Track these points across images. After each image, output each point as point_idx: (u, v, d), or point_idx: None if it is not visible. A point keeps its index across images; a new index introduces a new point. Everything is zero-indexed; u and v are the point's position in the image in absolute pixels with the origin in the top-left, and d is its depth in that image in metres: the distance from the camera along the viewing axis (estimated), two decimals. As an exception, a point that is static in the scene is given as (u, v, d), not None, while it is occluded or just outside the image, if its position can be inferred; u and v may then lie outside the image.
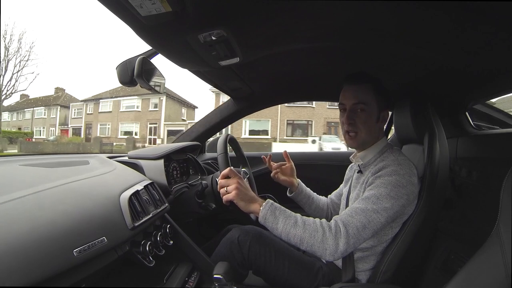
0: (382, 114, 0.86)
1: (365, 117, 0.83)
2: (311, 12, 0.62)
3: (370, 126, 0.84)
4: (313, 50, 0.86)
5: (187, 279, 0.83)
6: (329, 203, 1.13)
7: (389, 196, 0.74)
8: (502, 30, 0.59)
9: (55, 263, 0.48)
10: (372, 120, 0.84)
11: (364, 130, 0.83)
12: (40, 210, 0.55)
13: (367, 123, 0.83)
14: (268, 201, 0.78)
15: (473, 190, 1.05)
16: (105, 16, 41.70)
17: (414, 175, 0.78)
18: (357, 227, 0.72)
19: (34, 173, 0.76)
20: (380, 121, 0.86)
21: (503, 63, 0.77)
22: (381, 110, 0.85)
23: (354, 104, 0.83)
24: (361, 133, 0.84)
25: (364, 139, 0.85)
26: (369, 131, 0.84)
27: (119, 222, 0.67)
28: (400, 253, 0.78)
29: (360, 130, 0.83)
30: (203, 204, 1.04)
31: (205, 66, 0.88)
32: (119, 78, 0.84)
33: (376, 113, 0.84)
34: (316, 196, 1.12)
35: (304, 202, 1.09)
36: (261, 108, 1.54)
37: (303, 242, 0.73)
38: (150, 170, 1.03)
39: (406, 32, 0.69)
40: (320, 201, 1.12)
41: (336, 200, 1.12)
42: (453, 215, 1.09)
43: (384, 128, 1.55)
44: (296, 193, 1.08)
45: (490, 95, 1.06)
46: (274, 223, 0.74)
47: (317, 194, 1.14)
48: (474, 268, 0.50)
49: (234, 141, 1.24)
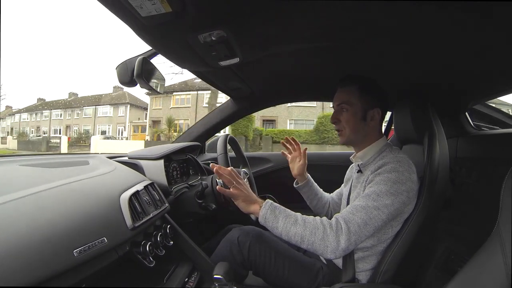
0: (370, 113, 0.87)
1: (348, 116, 0.87)
2: (311, 12, 0.62)
3: (354, 124, 0.87)
4: (313, 50, 0.86)
5: (187, 279, 0.83)
6: (330, 201, 1.14)
7: (389, 192, 0.74)
8: (502, 30, 0.59)
9: (55, 264, 0.48)
10: (355, 118, 0.87)
11: (348, 128, 0.88)
12: (40, 210, 0.55)
13: (350, 122, 0.87)
14: (268, 201, 0.78)
15: (473, 190, 1.05)
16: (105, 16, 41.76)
17: (413, 172, 0.79)
18: (358, 224, 0.72)
19: (34, 173, 0.76)
20: (369, 120, 0.87)
21: (503, 63, 0.77)
22: (368, 109, 0.86)
23: (338, 105, 0.89)
24: (345, 130, 0.88)
25: (349, 136, 0.88)
26: (353, 129, 0.87)
27: (119, 222, 0.67)
28: (400, 253, 0.78)
29: (345, 128, 0.88)
30: (203, 204, 1.04)
31: (205, 66, 0.88)
32: (119, 78, 0.84)
33: (361, 112, 0.86)
34: (321, 194, 1.15)
35: (307, 196, 1.12)
36: (261, 108, 1.54)
37: (304, 240, 0.73)
38: (150, 171, 1.03)
39: (406, 32, 0.69)
40: (323, 198, 1.14)
41: (337, 199, 1.13)
42: (453, 215, 1.09)
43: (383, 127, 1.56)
44: (302, 185, 1.11)
45: (490, 95, 1.07)
46: (274, 222, 0.75)
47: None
48: (474, 268, 0.50)
49: (234, 142, 1.24)
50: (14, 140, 21.20)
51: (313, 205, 1.13)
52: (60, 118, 23.97)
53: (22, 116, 25.88)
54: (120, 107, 21.93)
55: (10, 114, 26.47)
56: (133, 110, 22.00)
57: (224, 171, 0.79)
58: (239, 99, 1.43)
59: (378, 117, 0.88)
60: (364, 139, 0.89)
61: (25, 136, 23.02)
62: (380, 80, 1.02)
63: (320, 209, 1.13)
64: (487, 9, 0.52)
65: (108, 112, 22.23)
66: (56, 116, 24.21)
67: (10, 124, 26.61)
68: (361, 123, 0.87)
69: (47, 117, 24.53)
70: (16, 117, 26.10)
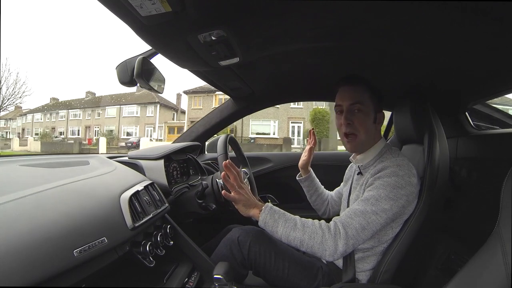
0: (378, 115, 0.86)
1: (363, 117, 0.82)
2: (311, 12, 0.62)
3: (368, 126, 0.83)
4: (313, 50, 0.86)
5: (187, 279, 0.83)
6: (329, 199, 1.16)
7: (388, 197, 0.74)
8: (502, 30, 0.59)
9: (55, 263, 0.48)
10: (369, 120, 0.84)
11: (363, 131, 0.82)
12: (40, 210, 0.55)
13: (365, 124, 0.82)
14: (267, 205, 0.78)
15: (473, 190, 1.05)
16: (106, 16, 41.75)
17: (413, 176, 0.78)
18: (356, 228, 0.73)
19: (34, 173, 0.76)
20: (377, 122, 0.86)
21: (503, 63, 0.77)
22: (377, 111, 0.86)
23: (351, 104, 0.82)
24: (360, 134, 0.83)
25: (363, 141, 0.84)
26: (367, 132, 0.83)
27: (119, 222, 0.67)
28: (400, 253, 0.78)
29: (359, 132, 0.83)
30: (203, 204, 1.04)
31: (205, 66, 0.88)
32: (119, 78, 0.84)
33: (373, 114, 0.84)
34: (321, 190, 1.16)
35: (308, 190, 1.15)
36: (261, 108, 1.54)
37: (303, 244, 0.74)
38: (150, 171, 1.03)
39: (406, 32, 0.69)
40: (323, 195, 1.16)
41: (336, 198, 1.14)
42: (453, 215, 1.09)
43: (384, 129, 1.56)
44: (304, 178, 1.14)
45: (490, 95, 1.06)
46: (274, 227, 0.76)
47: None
48: (474, 268, 0.50)
49: (234, 142, 1.24)
50: (36, 141, 19.22)
51: (313, 200, 1.15)
52: (79, 118, 22.36)
53: (35, 116, 24.15)
54: (149, 106, 20.45)
55: (21, 114, 24.62)
56: (163, 111, 20.57)
57: (231, 175, 0.77)
58: (239, 99, 1.43)
59: (382, 120, 0.87)
60: (371, 143, 0.87)
61: (48, 137, 21.20)
62: (380, 80, 1.02)
63: (319, 205, 1.15)
64: (487, 9, 0.52)
65: (134, 112, 20.69)
66: (73, 116, 22.60)
67: (21, 124, 24.87)
68: (373, 126, 0.84)
69: (64, 117, 22.87)
70: (28, 117, 24.37)
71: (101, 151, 14.11)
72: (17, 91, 17.69)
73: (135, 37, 0.67)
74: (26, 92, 19.64)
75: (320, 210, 1.16)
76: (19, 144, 19.14)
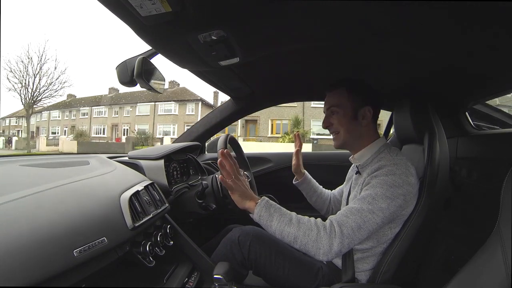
0: (361, 112, 0.86)
1: (340, 117, 0.87)
2: (311, 12, 0.62)
3: (347, 124, 0.87)
4: (313, 50, 0.86)
5: (187, 279, 0.83)
6: (331, 198, 1.15)
7: (385, 196, 0.74)
8: (502, 30, 0.59)
9: (55, 263, 0.48)
10: (346, 118, 0.87)
11: (341, 128, 0.88)
12: (40, 210, 0.55)
13: (342, 122, 0.87)
14: (264, 198, 0.78)
15: (473, 190, 1.05)
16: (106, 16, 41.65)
17: (411, 175, 0.78)
18: (352, 227, 0.72)
19: (34, 173, 0.76)
20: (361, 118, 0.86)
21: (503, 63, 0.77)
22: (358, 108, 0.86)
23: (327, 109, 0.90)
24: (340, 132, 0.88)
25: (345, 137, 0.88)
26: (347, 129, 0.87)
27: (119, 222, 0.67)
28: (400, 253, 0.78)
29: (339, 130, 0.88)
30: (203, 204, 1.04)
31: (205, 66, 0.88)
32: (119, 78, 0.84)
33: (351, 112, 0.86)
34: (320, 190, 1.16)
35: (306, 192, 1.15)
36: (261, 108, 1.54)
37: (297, 241, 0.72)
38: (150, 171, 1.03)
39: (406, 32, 0.69)
40: (323, 195, 1.15)
41: (338, 196, 1.14)
42: (453, 215, 1.09)
43: (384, 127, 1.56)
44: (300, 182, 1.14)
45: (490, 95, 1.06)
46: (269, 221, 0.75)
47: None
48: (474, 268, 0.50)
49: (234, 141, 1.24)
50: (71, 141, 17.18)
51: (313, 201, 1.15)
52: (104, 116, 20.30)
53: (51, 113, 22.13)
54: (189, 104, 18.46)
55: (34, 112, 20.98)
56: (204, 109, 18.34)
57: (227, 163, 0.76)
58: (239, 99, 1.43)
59: (370, 115, 0.87)
60: (360, 140, 0.88)
61: (86, 137, 18.85)
62: (380, 80, 1.02)
63: (320, 205, 1.15)
64: (487, 9, 0.52)
65: (172, 110, 18.71)
66: (98, 114, 20.47)
67: (35, 123, 22.53)
68: (354, 122, 0.87)
69: (86, 114, 20.58)
70: (44, 115, 22.36)
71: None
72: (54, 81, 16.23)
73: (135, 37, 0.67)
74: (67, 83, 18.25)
75: (323, 210, 1.15)
76: (46, 144, 17.41)
